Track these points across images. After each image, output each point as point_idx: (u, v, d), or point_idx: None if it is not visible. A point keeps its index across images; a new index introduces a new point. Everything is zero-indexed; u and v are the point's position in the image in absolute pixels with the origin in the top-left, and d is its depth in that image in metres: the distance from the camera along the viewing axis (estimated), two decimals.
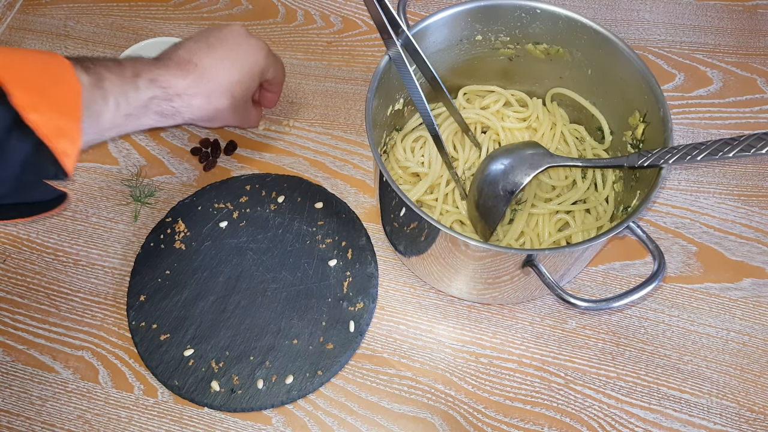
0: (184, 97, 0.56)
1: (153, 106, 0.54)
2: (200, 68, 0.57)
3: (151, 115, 0.55)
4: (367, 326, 0.62)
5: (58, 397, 0.60)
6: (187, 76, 0.56)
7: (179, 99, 0.56)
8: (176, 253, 0.66)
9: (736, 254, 0.66)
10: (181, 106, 0.56)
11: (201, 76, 0.57)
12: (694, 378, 0.60)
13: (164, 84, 0.54)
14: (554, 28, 0.61)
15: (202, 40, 0.59)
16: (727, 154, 0.48)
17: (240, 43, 0.61)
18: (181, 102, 0.56)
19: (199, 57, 0.58)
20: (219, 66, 0.58)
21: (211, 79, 0.58)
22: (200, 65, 0.57)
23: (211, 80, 0.58)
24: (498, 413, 0.59)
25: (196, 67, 0.57)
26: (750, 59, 0.80)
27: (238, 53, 0.60)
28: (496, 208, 0.58)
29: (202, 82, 0.57)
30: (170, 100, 0.55)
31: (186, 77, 0.56)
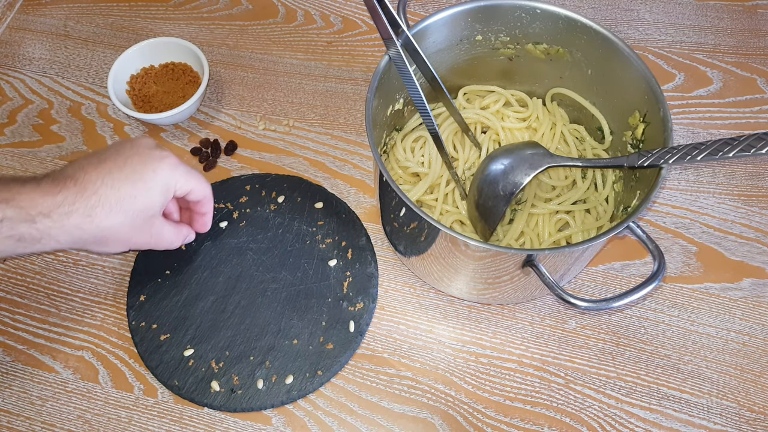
0: (55, 217, 0.48)
1: (4, 230, 0.47)
2: (81, 183, 0.50)
3: (4, 240, 0.47)
4: (367, 326, 0.62)
5: (58, 397, 0.60)
6: (59, 192, 0.49)
7: (46, 219, 0.48)
8: (176, 253, 0.66)
9: (736, 254, 0.66)
10: (51, 228, 0.48)
11: (81, 191, 0.49)
12: (694, 378, 0.60)
13: (22, 203, 0.47)
14: (554, 28, 0.61)
15: (96, 154, 0.53)
16: (727, 154, 0.48)
17: (138, 154, 0.53)
18: (51, 223, 0.48)
19: (84, 171, 0.51)
20: (105, 179, 0.51)
21: (94, 193, 0.50)
22: (81, 180, 0.50)
23: (93, 195, 0.50)
24: (498, 413, 0.59)
25: (76, 183, 0.50)
26: (750, 59, 0.80)
27: (134, 165, 0.52)
28: (496, 208, 0.58)
29: (81, 198, 0.49)
30: (32, 221, 0.48)
31: (57, 194, 0.49)
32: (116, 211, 0.51)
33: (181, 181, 0.56)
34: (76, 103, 0.77)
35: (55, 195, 0.49)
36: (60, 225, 0.49)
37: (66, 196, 0.49)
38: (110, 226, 0.51)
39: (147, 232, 0.55)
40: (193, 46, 0.74)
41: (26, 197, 0.48)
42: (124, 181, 0.51)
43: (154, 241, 0.57)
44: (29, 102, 0.77)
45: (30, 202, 0.48)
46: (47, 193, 0.48)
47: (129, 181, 0.52)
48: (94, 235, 0.51)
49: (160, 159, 0.54)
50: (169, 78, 0.75)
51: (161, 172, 0.54)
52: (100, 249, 0.54)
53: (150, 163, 0.53)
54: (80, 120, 0.76)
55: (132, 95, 0.74)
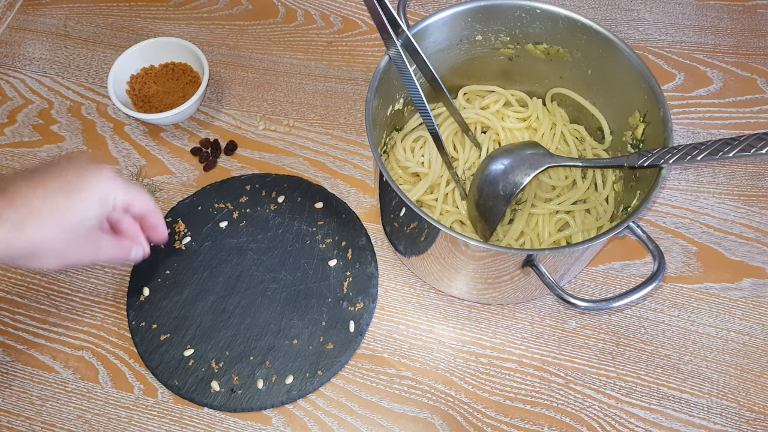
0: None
1: None
2: (9, 195, 0.46)
3: None
4: (367, 326, 0.62)
5: (58, 397, 0.60)
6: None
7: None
8: (176, 253, 0.66)
9: (736, 254, 0.66)
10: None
11: (9, 203, 0.46)
12: (694, 378, 0.60)
13: None
14: (554, 28, 0.61)
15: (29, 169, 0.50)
16: (727, 154, 0.48)
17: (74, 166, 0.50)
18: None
19: (16, 185, 0.47)
20: (36, 190, 0.47)
21: (22, 206, 0.46)
22: (9, 192, 0.46)
23: (23, 207, 0.46)
24: (498, 413, 0.59)
25: (4, 196, 0.46)
26: (750, 59, 0.80)
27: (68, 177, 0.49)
28: (496, 208, 0.58)
29: (10, 210, 0.46)
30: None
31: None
32: (49, 225, 0.47)
33: (120, 192, 0.52)
34: (76, 103, 0.77)
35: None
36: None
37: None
38: (42, 239, 0.47)
39: (84, 246, 0.51)
40: (193, 46, 0.74)
41: None
42: (58, 192, 0.48)
43: (94, 255, 0.53)
44: (29, 102, 0.77)
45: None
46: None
47: (63, 192, 0.48)
48: (24, 249, 0.47)
49: (96, 170, 0.50)
50: (169, 78, 0.75)
51: (98, 184, 0.50)
52: (31, 264, 0.50)
53: (86, 174, 0.50)
54: (80, 120, 0.76)
55: (132, 95, 0.74)
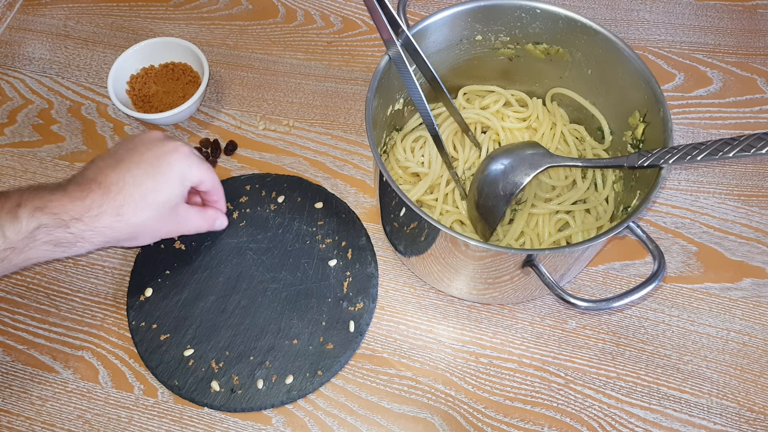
0: (86, 220, 0.51)
1: (41, 236, 0.49)
2: (104, 185, 0.52)
3: (42, 246, 0.50)
4: (367, 326, 0.62)
5: (58, 397, 0.60)
6: (86, 197, 0.51)
7: (79, 223, 0.51)
8: (176, 253, 0.66)
9: (736, 254, 0.66)
10: (85, 231, 0.51)
11: (106, 193, 0.52)
12: (694, 378, 0.60)
13: (55, 210, 0.50)
14: (554, 28, 0.61)
15: (111, 155, 0.55)
16: (727, 154, 0.48)
17: (151, 149, 0.56)
18: (83, 226, 0.51)
19: (105, 174, 0.53)
20: (126, 178, 0.53)
21: (117, 194, 0.52)
22: (104, 182, 0.52)
23: (118, 195, 0.52)
24: (498, 413, 0.59)
25: (100, 186, 0.52)
26: (750, 59, 0.80)
27: (150, 160, 0.55)
28: (496, 208, 0.58)
29: (107, 200, 0.52)
30: (66, 226, 0.50)
31: (85, 198, 0.51)
32: (142, 207, 0.53)
33: (195, 170, 0.58)
34: (76, 103, 0.77)
35: (84, 200, 0.51)
36: (92, 227, 0.51)
37: (93, 199, 0.51)
38: (139, 222, 0.54)
39: (173, 220, 0.58)
40: (193, 46, 0.74)
41: (57, 204, 0.50)
42: (144, 177, 0.54)
43: (183, 228, 0.60)
44: (29, 102, 0.77)
45: (62, 209, 0.50)
46: (75, 198, 0.51)
47: (149, 176, 0.54)
48: (126, 233, 0.54)
49: (173, 151, 0.56)
50: (169, 78, 0.75)
51: (176, 164, 0.56)
52: (131, 244, 0.57)
53: (164, 156, 0.55)
54: (80, 120, 0.76)
55: (132, 95, 0.74)
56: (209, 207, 0.64)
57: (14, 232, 0.48)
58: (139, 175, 0.54)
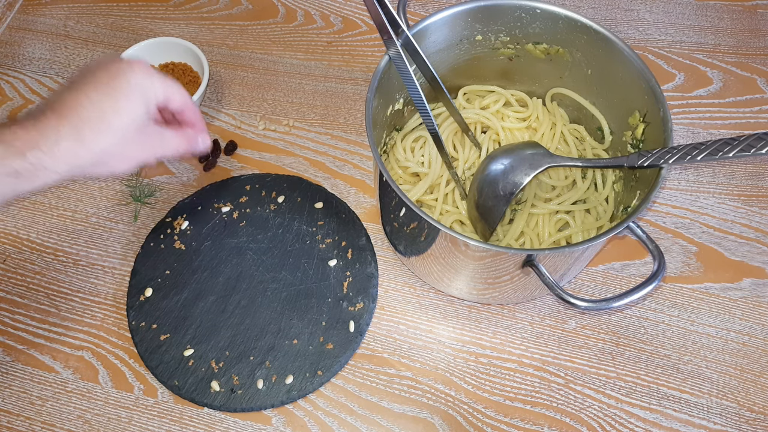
0: (44, 148, 0.47)
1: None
2: (58, 110, 0.48)
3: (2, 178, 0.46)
4: (367, 326, 0.62)
5: (58, 397, 0.60)
6: (39, 122, 0.47)
7: (36, 151, 0.47)
8: (176, 253, 0.66)
9: (736, 254, 0.66)
10: (44, 159, 0.47)
11: (60, 117, 0.48)
12: (694, 378, 0.60)
13: (7, 139, 0.46)
14: (554, 28, 0.61)
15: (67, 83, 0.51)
16: (727, 154, 0.48)
17: (106, 69, 0.51)
18: (41, 154, 0.47)
19: (59, 99, 0.49)
20: (82, 100, 0.49)
21: (75, 116, 0.48)
22: (58, 107, 0.48)
23: (75, 118, 0.48)
24: (498, 413, 0.59)
25: (53, 110, 0.48)
26: (750, 59, 0.80)
27: (105, 80, 0.50)
28: (496, 208, 0.58)
29: (64, 124, 0.48)
30: (22, 155, 0.46)
31: (38, 124, 0.47)
32: (103, 130, 0.49)
33: (157, 86, 0.53)
34: None
35: (37, 126, 0.47)
36: (52, 154, 0.47)
37: (47, 125, 0.48)
38: (104, 146, 0.50)
39: (145, 142, 0.53)
40: (193, 46, 0.74)
41: (9, 134, 0.46)
42: (101, 98, 0.50)
43: (159, 150, 0.55)
44: (29, 102, 0.77)
45: (13, 137, 0.46)
46: (28, 126, 0.47)
47: (107, 96, 0.50)
48: (90, 159, 0.50)
49: (129, 68, 0.52)
50: None
51: (135, 80, 0.51)
52: (103, 172, 0.52)
53: (121, 74, 0.51)
54: None
55: None
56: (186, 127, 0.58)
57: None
58: (96, 97, 0.49)
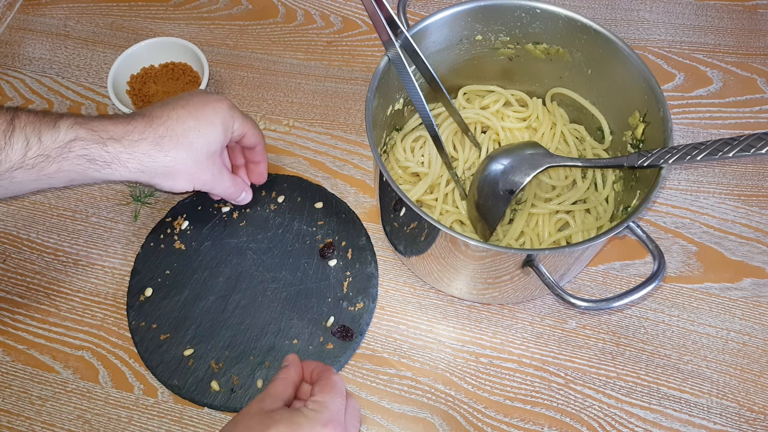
0: (125, 143, 0.52)
1: (77, 149, 0.50)
2: (148, 117, 0.54)
3: (76, 159, 0.51)
4: (367, 326, 0.62)
5: (58, 397, 0.60)
6: (129, 122, 0.53)
7: (117, 144, 0.52)
8: (176, 252, 0.66)
9: (736, 254, 0.66)
10: (121, 153, 0.52)
11: (149, 123, 0.54)
12: (694, 378, 0.60)
13: (95, 127, 0.51)
14: (554, 28, 0.61)
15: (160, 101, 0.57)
16: (727, 154, 0.48)
17: (197, 96, 0.58)
18: (121, 147, 0.52)
19: (150, 109, 0.55)
20: (171, 113, 0.55)
21: (159, 125, 0.54)
22: (148, 115, 0.54)
23: (159, 127, 0.54)
24: (498, 413, 0.59)
25: (144, 116, 0.54)
26: (750, 59, 0.80)
27: (195, 104, 0.57)
28: (496, 208, 0.58)
29: (150, 128, 0.53)
30: (103, 143, 0.51)
31: (128, 124, 0.53)
32: (182, 143, 0.55)
33: (238, 122, 0.60)
34: (76, 103, 0.77)
35: (126, 125, 0.53)
36: (130, 151, 0.52)
37: (136, 126, 0.53)
38: (177, 158, 0.55)
39: (209, 170, 0.59)
40: (193, 46, 0.74)
41: (98, 123, 0.52)
42: (188, 117, 0.56)
43: (215, 183, 0.60)
44: (29, 102, 0.77)
45: (102, 127, 0.52)
46: (118, 122, 0.53)
47: (193, 117, 0.56)
48: (162, 166, 0.55)
49: (218, 100, 0.59)
50: (169, 78, 0.75)
51: (221, 111, 0.58)
52: (166, 183, 0.57)
53: (210, 103, 0.58)
54: None
55: (132, 95, 0.74)
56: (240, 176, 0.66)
57: (51, 140, 0.49)
58: (184, 114, 0.55)
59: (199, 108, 0.57)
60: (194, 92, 0.59)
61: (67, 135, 0.50)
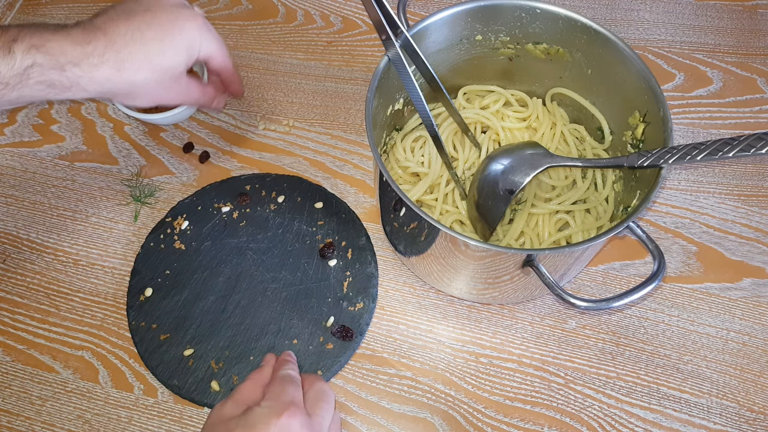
0: (84, 67, 0.50)
1: (34, 74, 0.48)
2: (110, 36, 0.51)
3: (36, 85, 0.49)
4: (367, 326, 0.62)
5: (58, 397, 0.60)
6: (89, 42, 0.50)
7: (75, 68, 0.50)
8: (176, 253, 0.66)
9: (736, 254, 0.66)
10: (81, 77, 0.50)
11: (110, 44, 0.51)
12: (694, 378, 0.60)
13: (53, 51, 0.48)
14: (554, 28, 0.61)
15: (125, 7, 0.53)
16: (727, 154, 0.48)
17: (167, 11, 0.54)
18: (80, 72, 0.50)
19: (114, 24, 0.52)
20: (134, 34, 0.52)
21: (122, 48, 0.51)
22: (111, 33, 0.51)
23: (122, 49, 0.51)
24: (498, 413, 0.59)
25: (105, 35, 0.51)
26: (750, 59, 0.80)
27: (162, 22, 0.54)
28: (496, 208, 0.58)
29: (109, 51, 0.51)
30: (62, 69, 0.49)
31: (87, 44, 0.50)
32: (144, 68, 0.53)
33: (204, 44, 0.57)
34: (76, 103, 0.77)
35: (85, 45, 0.50)
36: (89, 75, 0.50)
37: (96, 47, 0.50)
38: (138, 81, 0.53)
39: (174, 89, 0.57)
40: None
41: (56, 45, 0.48)
42: (152, 39, 0.53)
43: (182, 98, 0.59)
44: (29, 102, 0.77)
45: (60, 50, 0.49)
46: (77, 42, 0.49)
47: (157, 39, 0.53)
48: (124, 89, 0.53)
49: (187, 18, 0.55)
50: None
51: (187, 32, 0.55)
52: (128, 101, 0.56)
53: (178, 21, 0.55)
54: (80, 120, 0.76)
55: None
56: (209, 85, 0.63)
57: (7, 68, 0.47)
58: (149, 35, 0.53)
59: (166, 28, 0.54)
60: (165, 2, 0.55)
61: (23, 61, 0.48)
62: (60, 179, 0.72)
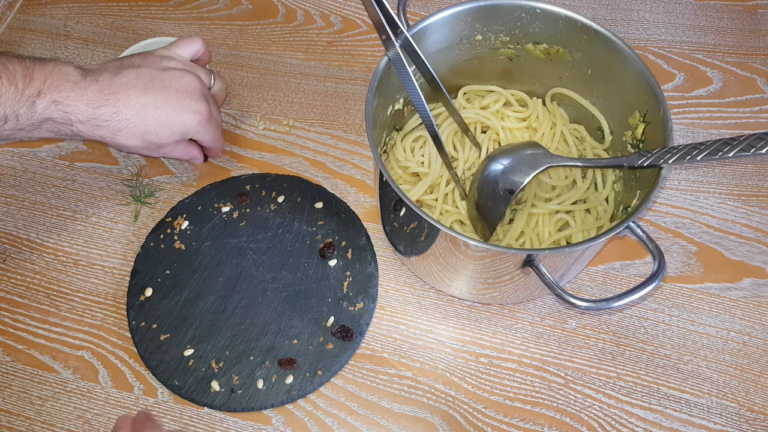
0: (87, 125, 0.56)
1: (48, 126, 0.55)
2: (119, 106, 0.57)
3: (45, 132, 0.56)
4: (367, 326, 0.62)
5: (58, 397, 0.60)
6: (99, 107, 0.56)
7: (81, 125, 0.56)
8: (176, 253, 0.66)
9: (736, 254, 0.66)
10: (82, 132, 0.57)
11: (116, 113, 0.57)
12: (694, 378, 0.60)
13: (68, 109, 0.55)
14: (554, 28, 0.61)
15: (146, 74, 0.59)
16: (727, 154, 0.48)
17: (179, 96, 0.60)
18: (83, 128, 0.56)
19: (127, 94, 0.57)
20: (141, 110, 0.58)
21: (124, 119, 0.57)
22: (121, 103, 0.57)
23: (123, 120, 0.57)
24: (498, 413, 0.59)
25: (116, 104, 0.57)
26: (750, 59, 0.80)
27: (170, 107, 0.59)
28: (496, 208, 0.58)
29: (113, 120, 0.57)
30: (70, 124, 0.56)
31: (98, 108, 0.56)
32: (136, 139, 0.59)
33: (199, 135, 0.63)
34: None
35: (95, 109, 0.56)
36: (90, 132, 0.57)
37: (103, 112, 0.56)
38: (128, 145, 0.60)
39: (159, 152, 0.64)
40: None
41: (72, 104, 0.55)
42: (154, 121, 0.58)
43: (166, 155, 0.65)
44: None
45: (74, 109, 0.55)
46: (90, 104, 0.56)
47: (158, 122, 0.59)
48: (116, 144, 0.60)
49: (195, 112, 0.60)
50: None
51: (188, 124, 0.61)
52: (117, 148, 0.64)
53: (182, 113, 0.60)
54: None
55: None
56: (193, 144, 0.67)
57: (27, 119, 0.54)
58: (153, 116, 0.58)
59: (171, 115, 0.59)
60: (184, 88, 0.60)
61: (42, 115, 0.54)
62: (60, 179, 0.72)
